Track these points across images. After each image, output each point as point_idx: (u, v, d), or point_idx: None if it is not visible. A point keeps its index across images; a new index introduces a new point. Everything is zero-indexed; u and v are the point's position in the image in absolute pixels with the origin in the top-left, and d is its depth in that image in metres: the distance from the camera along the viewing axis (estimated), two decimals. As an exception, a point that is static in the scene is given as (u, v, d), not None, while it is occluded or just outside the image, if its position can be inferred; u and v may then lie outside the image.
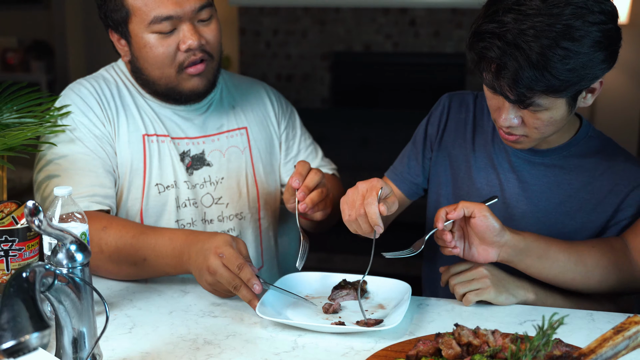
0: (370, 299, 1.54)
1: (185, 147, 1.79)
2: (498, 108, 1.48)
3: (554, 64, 1.32)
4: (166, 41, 1.65)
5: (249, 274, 1.40)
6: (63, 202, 1.34)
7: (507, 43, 1.34)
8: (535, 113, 1.42)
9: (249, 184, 1.85)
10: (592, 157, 1.61)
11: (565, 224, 1.60)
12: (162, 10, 1.63)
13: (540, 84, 1.34)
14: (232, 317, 1.42)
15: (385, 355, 1.19)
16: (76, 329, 1.13)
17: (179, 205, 1.76)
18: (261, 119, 1.91)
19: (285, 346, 1.30)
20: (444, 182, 1.74)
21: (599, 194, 1.58)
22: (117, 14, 1.67)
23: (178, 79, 1.69)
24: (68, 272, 1.12)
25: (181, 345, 1.30)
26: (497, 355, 1.07)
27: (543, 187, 1.62)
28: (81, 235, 1.35)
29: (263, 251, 1.89)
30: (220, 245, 1.44)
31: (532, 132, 1.47)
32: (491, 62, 1.38)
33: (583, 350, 1.02)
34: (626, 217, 1.57)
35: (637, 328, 1.03)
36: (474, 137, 1.71)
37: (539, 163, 1.62)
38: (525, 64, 1.33)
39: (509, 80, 1.36)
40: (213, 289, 1.47)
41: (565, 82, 1.35)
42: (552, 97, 1.38)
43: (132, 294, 1.54)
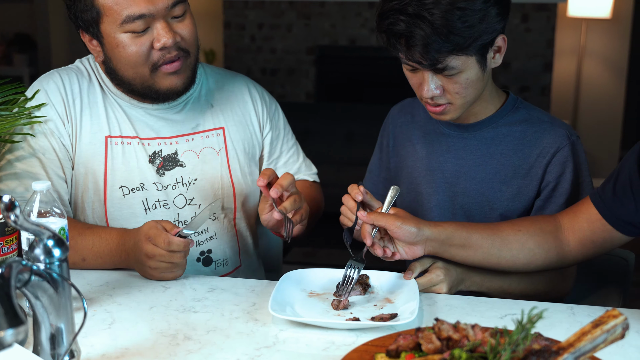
0: (375, 294, 1.52)
1: (157, 147, 1.75)
2: (420, 84, 1.58)
3: (455, 23, 1.45)
4: (139, 40, 1.61)
5: (175, 243, 1.49)
6: (41, 197, 1.33)
7: (410, 15, 1.46)
8: (452, 77, 1.54)
9: (225, 185, 1.82)
10: (520, 125, 1.70)
11: (503, 191, 1.69)
12: (134, 9, 1.58)
13: (447, 45, 1.46)
14: (213, 312, 1.42)
15: (366, 350, 1.19)
16: (54, 325, 1.12)
17: (148, 207, 1.74)
18: (240, 119, 1.87)
19: (266, 341, 1.29)
20: (404, 183, 1.82)
21: (529, 159, 1.67)
22: (88, 14, 1.63)
23: (153, 77, 1.66)
24: (45, 267, 1.11)
25: (161, 341, 1.29)
26: (477, 350, 1.07)
27: (478, 160, 1.71)
28: (60, 230, 1.34)
29: (240, 251, 1.87)
30: (146, 231, 1.51)
31: (455, 98, 1.58)
32: (400, 37, 1.49)
33: (562, 344, 1.02)
34: (553, 179, 1.65)
35: (615, 322, 1.03)
36: (414, 134, 1.81)
37: (470, 137, 1.72)
38: (430, 31, 1.45)
39: (419, 48, 1.47)
40: (160, 274, 1.54)
41: (468, 39, 1.48)
42: (462, 57, 1.50)
43: (112, 289, 1.53)
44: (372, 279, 1.55)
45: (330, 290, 1.51)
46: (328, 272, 1.57)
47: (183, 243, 1.50)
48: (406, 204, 1.80)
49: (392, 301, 1.48)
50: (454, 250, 1.52)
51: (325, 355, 1.25)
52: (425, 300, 1.48)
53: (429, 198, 1.76)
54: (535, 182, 1.67)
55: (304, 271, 1.57)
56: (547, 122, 1.69)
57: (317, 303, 1.47)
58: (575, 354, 1.01)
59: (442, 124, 1.75)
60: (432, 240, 1.49)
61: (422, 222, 1.50)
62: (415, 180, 1.79)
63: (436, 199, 1.75)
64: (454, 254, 1.53)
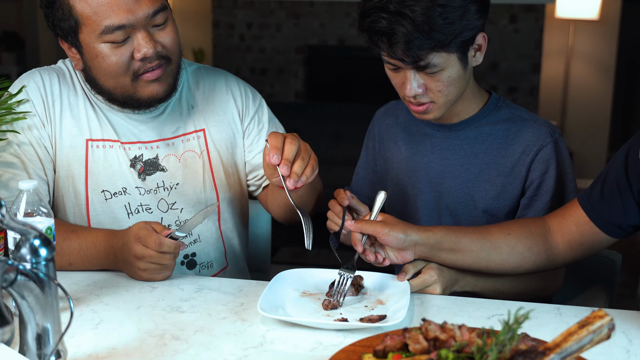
0: (368, 295, 1.51)
1: (137, 151, 1.73)
2: (402, 83, 1.59)
3: (436, 20, 1.46)
4: (119, 50, 1.58)
5: (167, 244, 1.48)
6: (28, 197, 1.32)
7: (392, 13, 1.48)
8: (434, 75, 1.55)
9: (207, 188, 1.79)
10: (503, 124, 1.71)
11: (488, 190, 1.70)
12: (114, 20, 1.54)
13: (428, 42, 1.48)
14: (200, 312, 1.41)
15: (353, 350, 1.19)
16: (40, 325, 1.11)
17: (131, 211, 1.72)
18: (221, 118, 1.83)
19: (254, 341, 1.29)
20: (390, 184, 1.83)
21: (513, 157, 1.68)
22: (66, 23, 1.59)
23: (134, 86, 1.62)
24: (32, 267, 1.10)
25: (148, 341, 1.29)
26: (464, 350, 1.07)
27: (462, 160, 1.72)
28: (47, 230, 1.34)
29: (227, 252, 1.85)
30: (135, 231, 1.50)
31: (437, 96, 1.59)
32: (382, 34, 1.50)
33: (548, 345, 1.03)
34: (538, 176, 1.66)
35: (601, 322, 1.04)
36: (398, 134, 1.82)
37: (454, 137, 1.73)
38: (411, 28, 1.46)
39: (401, 45, 1.48)
40: (149, 276, 1.53)
41: (449, 36, 1.49)
42: (443, 54, 1.52)
43: (99, 289, 1.52)
44: (365, 280, 1.55)
45: (324, 290, 1.51)
46: (323, 272, 1.57)
47: (174, 245, 1.49)
48: (393, 205, 1.81)
49: (383, 302, 1.47)
50: (444, 254, 1.53)
51: (312, 355, 1.25)
52: (414, 301, 1.48)
53: (415, 199, 1.77)
54: (520, 180, 1.68)
55: (298, 271, 1.56)
56: (530, 120, 1.70)
57: (308, 303, 1.46)
58: (562, 355, 1.01)
59: (425, 124, 1.76)
60: (421, 245, 1.50)
61: (410, 228, 1.50)
62: (400, 181, 1.80)
63: (422, 199, 1.76)
64: (444, 258, 1.53)
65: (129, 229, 1.53)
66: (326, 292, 1.49)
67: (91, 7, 1.55)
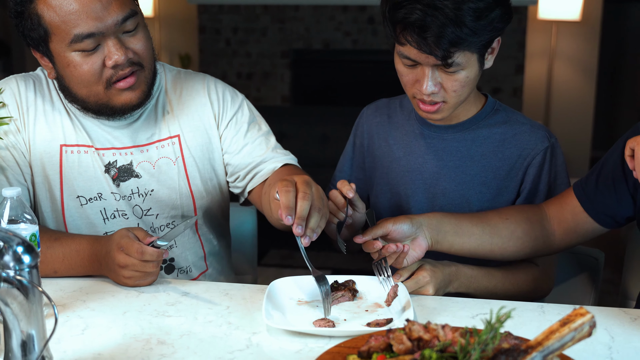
0: (364, 299, 1.49)
1: (112, 157, 1.71)
2: (417, 80, 1.57)
3: (466, 16, 1.46)
4: (90, 59, 1.56)
5: (149, 253, 1.46)
6: (12, 204, 1.32)
7: (426, 5, 1.46)
8: (453, 74, 1.54)
9: (183, 193, 1.76)
10: (499, 127, 1.71)
11: (483, 193, 1.70)
12: (83, 28, 1.52)
13: (459, 36, 1.47)
14: (186, 316, 1.40)
15: (338, 352, 1.19)
16: (25, 332, 1.10)
17: (107, 217, 1.71)
18: (197, 124, 1.78)
19: (239, 344, 1.28)
20: (377, 182, 1.82)
21: (510, 160, 1.68)
22: (35, 32, 1.57)
23: (107, 95, 1.60)
24: (15, 274, 1.09)
25: (134, 346, 1.28)
26: (447, 350, 1.07)
27: (458, 162, 1.71)
28: (31, 236, 1.33)
29: (206, 255, 1.84)
30: (117, 240, 1.49)
31: (451, 96, 1.57)
32: (415, 26, 1.48)
33: (531, 343, 1.03)
34: (533, 180, 1.67)
35: (583, 320, 1.04)
36: (390, 134, 1.81)
37: (450, 139, 1.72)
38: (445, 21, 1.45)
39: (433, 38, 1.47)
40: (134, 282, 1.52)
41: (478, 34, 1.49)
42: (467, 53, 1.51)
43: (86, 294, 1.51)
44: (358, 284, 1.53)
45: (318, 297, 1.46)
46: (313, 279, 1.52)
47: (156, 253, 1.48)
48: (383, 204, 1.80)
49: (381, 306, 1.46)
50: (450, 237, 1.54)
51: (298, 357, 1.24)
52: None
53: (407, 199, 1.76)
54: (515, 184, 1.69)
55: (290, 279, 1.53)
56: (527, 124, 1.70)
57: (308, 311, 1.44)
58: (544, 352, 1.02)
59: (421, 124, 1.75)
60: (428, 227, 1.52)
61: (411, 215, 1.52)
62: (392, 180, 1.78)
63: (415, 199, 1.75)
64: (452, 243, 1.55)
65: (112, 237, 1.51)
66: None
67: (59, 16, 1.53)
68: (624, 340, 1.31)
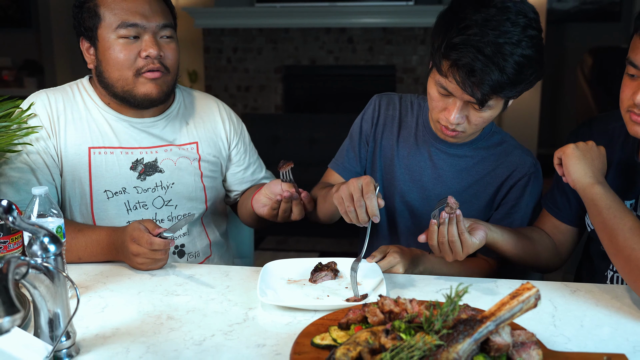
0: (344, 278, 1.48)
1: (139, 155, 1.71)
2: (445, 109, 1.49)
3: (511, 69, 1.37)
4: (129, 47, 1.60)
5: (157, 243, 1.45)
6: (40, 200, 1.29)
7: (487, 57, 1.36)
8: (481, 112, 1.46)
9: (197, 189, 1.78)
10: (495, 149, 1.67)
11: (472, 203, 1.67)
12: (129, 17, 1.60)
13: (500, 86, 1.39)
14: (192, 295, 1.39)
15: (322, 324, 1.18)
16: (51, 311, 1.09)
17: (130, 208, 1.70)
18: (211, 136, 1.82)
19: (237, 318, 1.27)
20: (378, 169, 1.76)
21: (500, 179, 1.65)
22: (90, 21, 1.62)
23: (135, 82, 1.62)
24: (42, 261, 1.07)
25: (147, 321, 1.26)
26: (414, 321, 1.06)
27: (455, 174, 1.67)
28: (57, 228, 1.31)
29: (211, 243, 1.85)
30: (130, 232, 1.47)
31: (472, 129, 1.52)
32: (464, 69, 1.38)
33: (485, 314, 1.02)
34: (514, 199, 1.65)
35: (529, 293, 1.03)
36: (399, 132, 1.74)
37: (453, 154, 1.67)
38: (492, 70, 1.36)
39: (477, 82, 1.38)
40: (147, 267, 1.51)
41: (516, 86, 1.41)
42: (500, 98, 1.44)
43: (106, 277, 1.49)
44: (339, 265, 1.51)
45: (305, 277, 1.47)
46: (302, 261, 1.52)
47: (164, 243, 1.46)
48: (383, 189, 1.75)
49: (359, 283, 1.44)
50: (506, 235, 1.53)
51: (288, 328, 1.23)
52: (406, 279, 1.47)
53: (403, 194, 1.72)
54: (499, 198, 1.66)
55: (281, 262, 1.52)
56: (518, 149, 1.68)
57: (296, 288, 1.42)
58: (496, 322, 1.01)
59: (430, 135, 1.68)
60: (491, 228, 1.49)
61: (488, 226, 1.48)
62: (391, 173, 1.73)
63: (410, 197, 1.71)
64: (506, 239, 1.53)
65: (125, 229, 1.50)
66: (308, 278, 1.46)
67: (114, 10, 1.60)
68: (565, 309, 1.31)
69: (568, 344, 1.17)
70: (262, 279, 1.41)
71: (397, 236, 1.75)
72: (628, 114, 1.40)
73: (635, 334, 1.20)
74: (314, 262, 1.49)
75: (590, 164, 1.42)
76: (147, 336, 1.20)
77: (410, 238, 1.72)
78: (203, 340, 1.18)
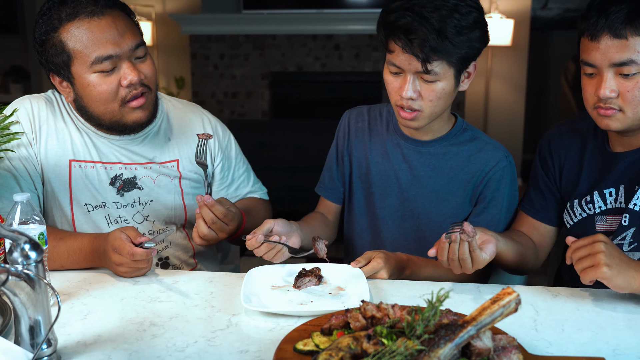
0: (328, 284, 1.47)
1: (118, 171, 1.69)
2: (400, 87, 1.54)
3: (449, 28, 1.45)
4: (108, 79, 1.55)
5: (138, 254, 1.43)
6: (22, 207, 1.28)
7: (415, 13, 1.46)
8: (431, 84, 1.51)
9: (177, 206, 1.75)
10: (467, 144, 1.69)
11: (449, 200, 1.68)
12: (103, 51, 1.53)
13: (440, 46, 1.45)
14: (175, 301, 1.38)
15: (305, 329, 1.17)
16: (32, 318, 1.08)
17: (110, 221, 1.68)
18: (193, 152, 1.75)
19: (221, 324, 1.27)
20: (354, 180, 1.78)
21: (473, 173, 1.66)
22: (59, 58, 1.55)
23: (121, 112, 1.59)
24: (23, 268, 1.06)
25: (130, 328, 1.25)
26: (396, 326, 1.06)
27: (430, 172, 1.68)
28: (39, 235, 1.29)
29: (195, 253, 1.82)
30: (112, 241, 1.45)
31: (427, 105, 1.54)
32: (403, 30, 1.47)
33: (466, 318, 1.02)
34: (490, 193, 1.65)
35: (510, 298, 1.04)
36: (370, 140, 1.76)
37: (425, 152, 1.69)
38: (430, 29, 1.45)
39: (418, 41, 1.46)
40: (130, 275, 1.49)
41: (457, 47, 1.47)
42: (445, 64, 1.49)
43: (89, 284, 1.48)
44: (323, 271, 1.50)
45: (289, 283, 1.46)
46: (286, 267, 1.52)
47: (145, 253, 1.44)
48: (359, 200, 1.77)
49: (343, 289, 1.44)
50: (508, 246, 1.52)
51: (271, 334, 1.22)
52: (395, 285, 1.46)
53: (382, 199, 1.73)
54: (475, 194, 1.67)
55: (265, 267, 1.51)
56: (490, 144, 1.68)
57: (280, 294, 1.41)
58: (477, 326, 1.01)
59: (399, 137, 1.71)
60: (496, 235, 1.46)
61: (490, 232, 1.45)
62: (368, 181, 1.74)
63: (388, 200, 1.72)
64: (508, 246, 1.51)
65: (107, 237, 1.48)
66: (293, 284, 1.45)
67: (81, 43, 1.53)
68: (547, 313, 1.31)
69: (549, 348, 1.17)
70: (246, 285, 1.40)
71: (381, 241, 1.76)
72: (595, 111, 1.46)
73: (615, 337, 1.21)
74: (298, 268, 1.49)
75: (626, 268, 1.28)
76: (130, 343, 1.19)
77: (396, 242, 1.73)
78: (186, 347, 1.18)
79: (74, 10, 1.54)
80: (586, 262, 1.28)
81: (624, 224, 1.48)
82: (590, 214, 1.55)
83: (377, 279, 1.49)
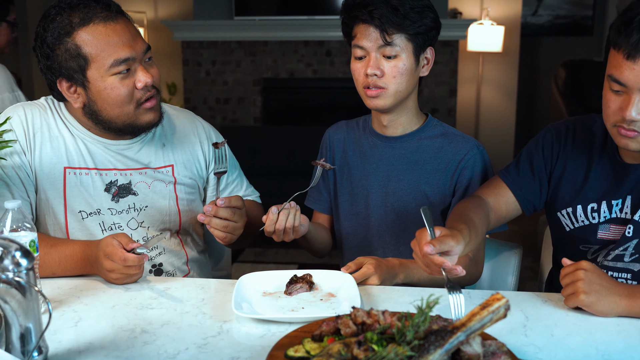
0: (319, 290, 1.47)
1: (113, 177, 1.69)
2: (365, 67, 1.63)
3: (405, 5, 1.59)
4: (125, 82, 1.57)
5: (130, 259, 1.44)
6: (13, 215, 1.28)
7: None
8: (392, 60, 1.62)
9: (171, 212, 1.76)
10: (438, 138, 1.75)
11: (426, 191, 1.73)
12: (120, 54, 1.55)
13: (397, 18, 1.58)
14: (167, 308, 1.38)
15: (296, 336, 1.18)
16: (23, 326, 1.08)
17: (105, 229, 1.68)
18: (188, 157, 1.79)
19: (212, 331, 1.27)
20: (339, 189, 1.85)
21: (446, 161, 1.72)
22: (73, 62, 1.55)
23: (136, 114, 1.62)
24: (14, 275, 1.06)
25: (121, 335, 1.25)
26: (386, 332, 1.07)
27: (406, 166, 1.75)
28: (30, 242, 1.29)
29: (188, 260, 1.82)
30: (103, 248, 1.46)
31: (390, 82, 1.63)
32: (363, 7, 1.60)
33: (456, 324, 1.03)
34: (465, 180, 1.70)
35: (499, 304, 1.04)
36: (348, 147, 1.84)
37: (398, 147, 1.76)
38: (387, 4, 1.58)
39: (378, 14, 1.58)
40: (122, 281, 1.49)
41: (412, 22, 1.60)
42: (404, 38, 1.61)
43: (80, 291, 1.47)
44: (314, 277, 1.51)
45: (281, 289, 1.47)
46: (278, 273, 1.52)
47: (137, 259, 1.45)
48: (344, 203, 1.83)
49: (334, 295, 1.44)
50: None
51: (262, 341, 1.23)
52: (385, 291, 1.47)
53: (366, 197, 1.78)
54: (451, 183, 1.72)
55: (256, 274, 1.51)
56: (460, 136, 1.75)
57: (271, 301, 1.41)
58: (467, 332, 1.02)
59: (374, 137, 1.78)
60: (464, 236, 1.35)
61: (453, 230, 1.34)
62: (352, 183, 1.81)
63: (372, 197, 1.77)
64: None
65: (99, 244, 1.48)
66: (284, 291, 1.46)
67: (98, 47, 1.55)
68: (536, 319, 1.32)
69: (539, 353, 1.18)
70: (237, 291, 1.40)
71: (369, 240, 1.80)
72: (615, 129, 1.39)
73: (604, 343, 1.22)
74: (290, 275, 1.49)
75: (607, 293, 1.29)
76: (121, 350, 1.19)
77: (382, 238, 1.78)
78: (177, 354, 1.18)
79: (87, 15, 1.55)
80: (569, 289, 1.33)
81: (628, 235, 1.47)
82: (595, 222, 1.53)
83: (368, 285, 1.50)
